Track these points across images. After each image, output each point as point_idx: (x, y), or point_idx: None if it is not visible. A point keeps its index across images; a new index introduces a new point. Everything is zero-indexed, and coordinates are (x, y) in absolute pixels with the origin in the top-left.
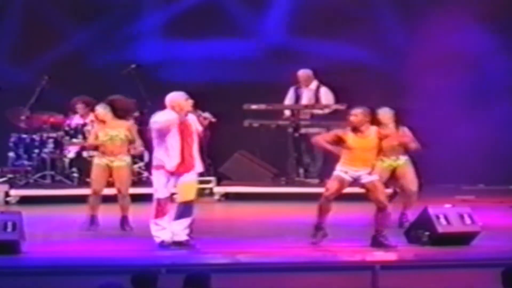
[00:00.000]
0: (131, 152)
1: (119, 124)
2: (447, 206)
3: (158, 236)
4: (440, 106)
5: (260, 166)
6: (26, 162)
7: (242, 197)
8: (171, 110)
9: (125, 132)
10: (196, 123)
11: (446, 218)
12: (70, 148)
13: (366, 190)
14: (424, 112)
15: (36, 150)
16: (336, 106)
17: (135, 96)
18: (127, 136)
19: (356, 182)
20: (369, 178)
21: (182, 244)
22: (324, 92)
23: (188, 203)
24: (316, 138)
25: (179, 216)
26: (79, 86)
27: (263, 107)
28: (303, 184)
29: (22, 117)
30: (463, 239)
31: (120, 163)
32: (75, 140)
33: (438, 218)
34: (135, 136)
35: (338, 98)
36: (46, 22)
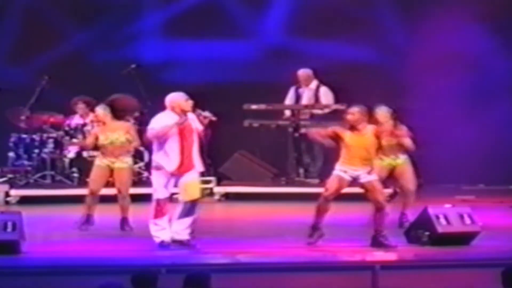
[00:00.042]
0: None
1: (119, 126)
2: (447, 206)
3: (157, 236)
4: (440, 106)
5: (260, 166)
6: (26, 162)
7: (242, 197)
8: (171, 111)
9: (124, 134)
10: (196, 122)
11: (446, 218)
12: (70, 148)
13: (365, 190)
14: (424, 112)
15: (36, 150)
16: (336, 106)
17: (135, 96)
18: (127, 138)
19: (355, 182)
20: (368, 178)
21: (183, 244)
22: (323, 91)
23: (193, 202)
24: (311, 131)
25: (184, 215)
26: (79, 86)
27: (263, 107)
28: (303, 184)
29: (22, 117)
30: (463, 239)
31: (121, 164)
32: (75, 140)
33: (438, 218)
34: (134, 137)
35: (338, 98)
36: (46, 22)
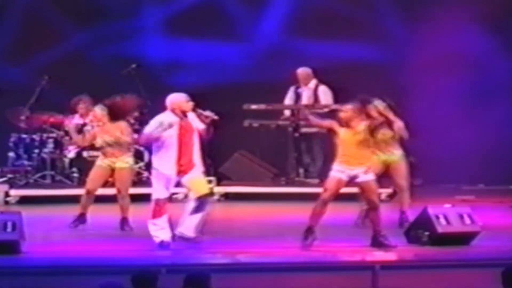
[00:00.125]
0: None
1: (115, 127)
2: (447, 206)
3: (157, 236)
4: (440, 106)
5: (260, 166)
6: (26, 162)
7: (242, 197)
8: (171, 112)
9: (120, 134)
10: (196, 122)
11: (446, 218)
12: (70, 148)
13: (360, 189)
14: (424, 112)
15: (36, 150)
16: (335, 106)
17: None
18: (122, 138)
19: (352, 181)
20: (365, 177)
21: (189, 240)
22: (322, 90)
23: (202, 198)
24: (311, 117)
25: (194, 211)
26: (79, 86)
27: (263, 107)
28: (303, 184)
29: (22, 117)
30: (463, 239)
31: (122, 164)
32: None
33: (438, 218)
34: (126, 134)
35: (338, 98)
36: (46, 22)
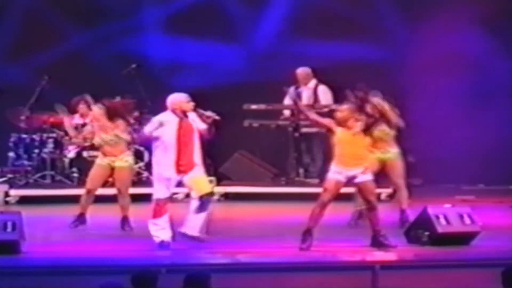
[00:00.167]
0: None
1: (113, 126)
2: (447, 206)
3: (157, 236)
4: (440, 106)
5: (260, 166)
6: (26, 162)
7: (242, 197)
8: (172, 112)
9: (120, 132)
10: (197, 122)
11: (446, 218)
12: (70, 148)
13: (358, 189)
14: (424, 112)
15: (36, 150)
16: (335, 106)
17: (135, 96)
18: (119, 136)
19: (350, 182)
20: (362, 178)
21: (194, 239)
22: (322, 90)
23: (204, 197)
24: (311, 114)
25: (198, 211)
26: (79, 86)
27: (263, 107)
28: (303, 184)
29: (22, 117)
30: (463, 239)
31: (122, 163)
32: (75, 140)
33: (438, 218)
34: (125, 136)
35: (337, 98)
36: (46, 22)
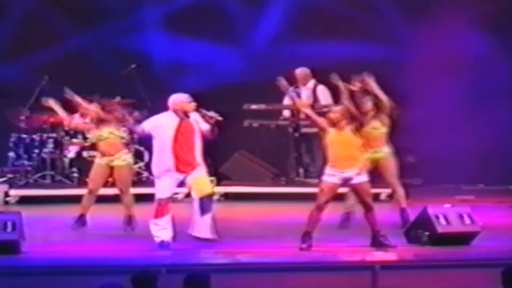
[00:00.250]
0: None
1: (108, 124)
2: (447, 206)
3: (158, 236)
4: (440, 106)
5: (260, 166)
6: (26, 162)
7: (242, 197)
8: (173, 112)
9: (115, 130)
10: (201, 123)
11: (446, 218)
12: (70, 148)
13: (353, 191)
14: (424, 112)
15: (36, 150)
16: (333, 107)
17: (135, 96)
18: (115, 134)
19: (345, 184)
20: (358, 179)
21: (207, 241)
22: (321, 90)
23: (205, 197)
24: (309, 111)
25: (203, 212)
26: (79, 86)
27: (263, 107)
28: (303, 184)
29: (22, 117)
30: (463, 239)
31: (120, 162)
32: (75, 140)
33: (437, 218)
34: (117, 132)
35: (337, 98)
36: (46, 21)
